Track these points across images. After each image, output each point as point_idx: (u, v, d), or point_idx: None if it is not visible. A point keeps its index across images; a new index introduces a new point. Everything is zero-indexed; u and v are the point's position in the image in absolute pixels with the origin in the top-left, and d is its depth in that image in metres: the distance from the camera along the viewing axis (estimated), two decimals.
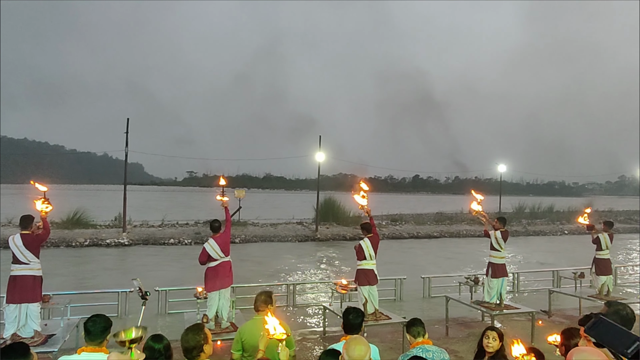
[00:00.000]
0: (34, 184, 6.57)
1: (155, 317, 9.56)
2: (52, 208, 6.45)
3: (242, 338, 3.98)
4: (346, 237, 27.49)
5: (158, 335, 3.22)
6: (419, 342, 3.77)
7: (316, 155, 29.78)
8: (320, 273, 16.53)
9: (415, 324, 3.92)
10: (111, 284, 12.70)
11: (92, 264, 18.02)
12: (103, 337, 3.34)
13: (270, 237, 26.20)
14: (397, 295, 11.39)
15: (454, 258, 20.39)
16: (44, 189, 6.45)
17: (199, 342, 3.01)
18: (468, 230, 31.80)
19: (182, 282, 11.88)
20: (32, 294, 6.17)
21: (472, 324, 9.16)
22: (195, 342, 3.01)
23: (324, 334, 8.37)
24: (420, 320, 3.97)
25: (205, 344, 3.02)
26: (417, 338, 3.83)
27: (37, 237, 6.31)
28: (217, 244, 6.80)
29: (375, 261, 7.49)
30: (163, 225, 28.06)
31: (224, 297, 6.86)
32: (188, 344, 3.02)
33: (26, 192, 7.80)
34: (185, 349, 3.04)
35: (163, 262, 18.42)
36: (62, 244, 21.82)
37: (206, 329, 3.14)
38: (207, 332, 3.10)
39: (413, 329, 3.89)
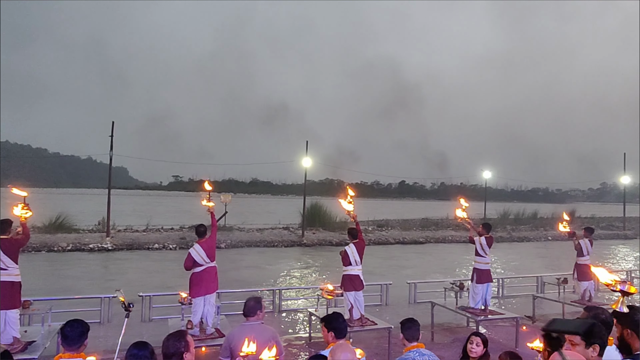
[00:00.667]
0: (12, 189, 6.43)
1: (139, 323, 9.42)
2: (32, 214, 6.32)
3: (230, 344, 3.95)
4: (332, 243, 27.47)
5: (142, 342, 3.17)
6: (414, 346, 3.68)
7: (303, 161, 29.80)
8: (306, 278, 16.49)
9: (413, 325, 3.77)
10: (94, 290, 12.50)
11: (75, 269, 17.72)
12: (81, 342, 3.29)
13: (256, 242, 26.07)
14: (383, 300, 11.41)
15: (439, 264, 20.51)
16: (24, 194, 6.32)
17: (179, 349, 2.96)
18: (454, 236, 32.04)
19: (167, 287, 11.73)
20: (10, 300, 6.02)
21: (457, 329, 9.21)
22: (175, 348, 2.96)
23: (310, 340, 8.34)
24: (417, 321, 3.83)
25: (185, 352, 2.98)
26: (412, 342, 3.72)
27: (15, 242, 6.18)
28: (203, 249, 6.75)
29: (361, 267, 7.50)
30: (147, 230, 27.74)
31: (209, 302, 6.80)
32: (167, 350, 2.98)
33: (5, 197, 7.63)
34: (165, 355, 2.99)
35: (147, 268, 18.19)
36: (43, 249, 21.43)
37: (188, 336, 3.10)
38: (189, 340, 3.05)
39: (410, 330, 3.75)
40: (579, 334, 2.28)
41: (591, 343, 2.30)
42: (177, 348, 2.96)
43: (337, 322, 3.68)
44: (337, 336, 3.62)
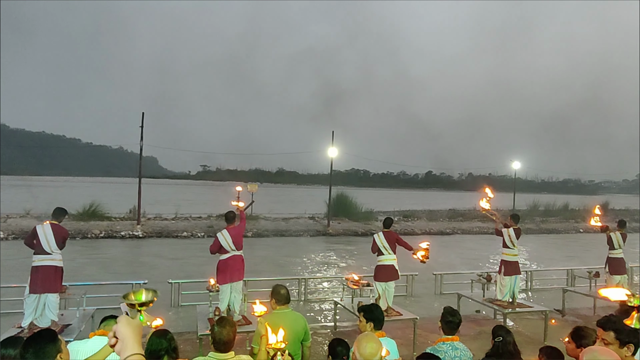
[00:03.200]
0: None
1: (168, 309, 9.68)
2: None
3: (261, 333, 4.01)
4: (358, 233, 27.47)
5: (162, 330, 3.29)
6: (448, 338, 3.61)
7: (328, 151, 29.76)
8: (331, 268, 16.57)
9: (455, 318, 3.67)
10: (125, 276, 12.87)
11: (107, 255, 18.29)
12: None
13: (282, 232, 26.30)
14: (409, 291, 11.38)
15: (466, 255, 20.28)
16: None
17: (232, 335, 3.10)
18: (481, 227, 31.56)
19: (195, 274, 12.00)
20: (52, 284, 6.30)
21: (483, 321, 9.12)
22: (229, 335, 3.10)
23: (335, 329, 8.40)
24: (459, 315, 3.74)
25: (234, 337, 3.12)
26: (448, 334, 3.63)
27: (65, 231, 6.49)
28: (230, 235, 6.84)
29: (395, 256, 7.50)
30: (176, 218, 28.32)
31: (235, 290, 6.91)
32: (222, 336, 3.09)
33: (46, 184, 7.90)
34: (218, 342, 3.09)
35: (176, 255, 18.60)
36: (77, 236, 22.16)
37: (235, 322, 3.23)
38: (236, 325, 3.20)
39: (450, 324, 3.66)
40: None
41: (625, 342, 2.24)
42: (230, 335, 3.08)
43: (378, 313, 3.70)
44: (377, 327, 3.65)
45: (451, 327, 3.69)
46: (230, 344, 3.11)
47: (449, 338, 3.65)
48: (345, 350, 3.51)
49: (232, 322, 3.22)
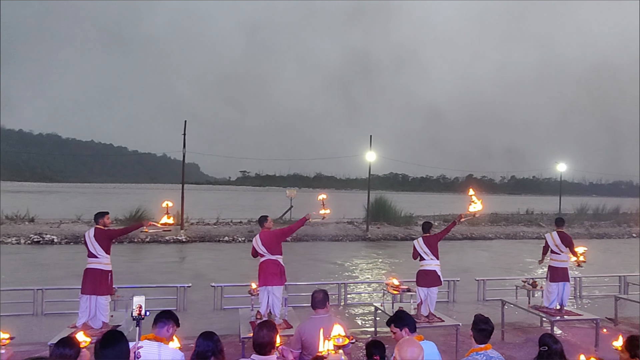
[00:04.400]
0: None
1: (212, 312, 9.92)
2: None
3: (302, 336, 4.06)
4: (397, 237, 27.21)
5: (209, 332, 3.39)
6: (481, 348, 3.53)
7: (366, 155, 29.68)
8: (371, 273, 16.49)
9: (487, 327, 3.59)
10: (171, 279, 13.27)
11: (153, 259, 18.93)
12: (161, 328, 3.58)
13: (320, 236, 26.39)
14: (450, 297, 11.17)
15: (509, 261, 19.68)
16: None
17: (273, 338, 3.15)
18: (525, 232, 30.56)
19: (237, 278, 12.23)
20: (99, 286, 6.57)
21: (529, 329, 8.84)
22: (270, 338, 3.15)
23: (375, 334, 8.37)
24: (491, 323, 3.66)
25: (276, 341, 3.17)
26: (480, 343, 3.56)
27: (107, 232, 6.75)
28: (260, 239, 6.95)
29: (438, 262, 7.41)
30: (218, 223, 28.96)
31: (272, 294, 6.97)
32: (263, 339, 3.15)
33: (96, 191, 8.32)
34: (259, 345, 3.16)
35: (218, 259, 19.03)
36: (125, 240, 23.03)
37: (277, 325, 3.29)
38: (277, 329, 3.25)
39: (482, 333, 3.58)
40: None
41: None
42: (271, 337, 3.14)
43: (407, 317, 3.69)
44: (412, 330, 3.63)
45: (484, 335, 3.60)
46: (271, 347, 3.16)
47: (482, 347, 3.55)
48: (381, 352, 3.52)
49: (273, 325, 3.28)
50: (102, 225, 6.75)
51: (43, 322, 8.94)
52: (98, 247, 6.60)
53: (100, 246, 6.60)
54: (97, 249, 6.59)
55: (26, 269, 15.80)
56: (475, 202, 7.34)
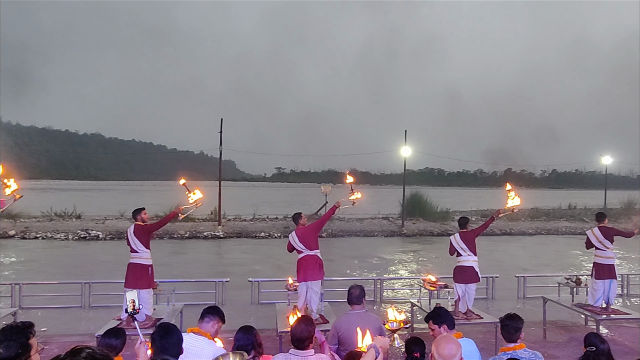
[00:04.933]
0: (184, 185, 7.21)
1: (249, 306, 10.10)
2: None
3: (338, 332, 4.08)
4: (433, 233, 26.84)
5: (248, 327, 3.46)
6: (510, 348, 3.42)
7: (401, 150, 29.37)
8: (407, 269, 16.35)
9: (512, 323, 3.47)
10: (209, 274, 13.59)
11: (192, 254, 19.43)
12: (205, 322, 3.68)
13: (356, 232, 26.36)
14: (489, 294, 10.94)
15: (551, 257, 19.07)
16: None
17: (311, 333, 3.18)
18: (568, 227, 29.50)
19: (273, 273, 12.40)
20: (141, 280, 6.81)
21: (573, 328, 8.55)
22: (308, 333, 3.18)
23: (412, 331, 8.30)
24: (519, 319, 3.54)
25: (313, 335, 3.20)
26: (509, 343, 3.45)
27: (145, 227, 6.98)
28: (296, 236, 7.00)
29: (476, 258, 7.27)
30: (254, 219, 29.39)
31: (311, 289, 7.04)
32: (301, 334, 3.18)
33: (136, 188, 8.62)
34: (297, 339, 3.20)
35: (255, 254, 19.32)
36: (165, 236, 23.74)
37: (314, 321, 3.32)
38: (315, 324, 3.28)
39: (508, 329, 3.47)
40: None
41: None
42: (309, 331, 3.18)
43: (446, 314, 3.65)
44: (450, 327, 3.60)
45: (508, 332, 3.48)
46: (308, 341, 3.19)
47: (511, 347, 3.43)
48: (421, 349, 3.49)
49: (310, 320, 3.31)
50: (141, 220, 6.98)
51: (90, 314, 9.36)
52: (138, 242, 6.83)
53: (140, 242, 6.84)
54: (138, 244, 6.83)
55: (74, 263, 16.53)
56: (513, 197, 7.14)
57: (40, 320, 8.50)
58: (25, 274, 14.00)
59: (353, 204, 6.95)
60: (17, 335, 2.08)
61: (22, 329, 2.14)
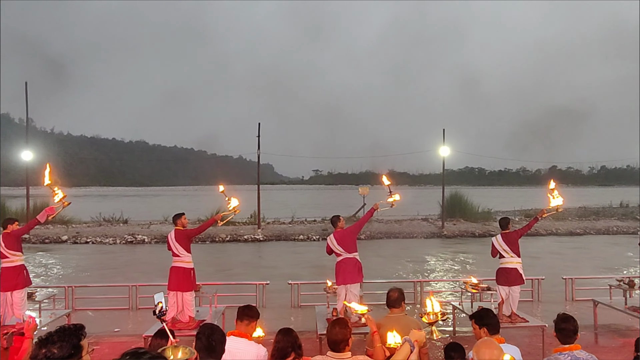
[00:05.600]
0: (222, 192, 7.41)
1: (289, 309, 10.18)
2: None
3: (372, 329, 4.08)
4: (475, 234, 26.21)
5: (288, 329, 3.50)
6: (565, 348, 3.31)
7: (440, 150, 28.87)
8: (448, 271, 16.05)
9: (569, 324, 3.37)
10: (250, 276, 13.80)
11: (233, 257, 19.80)
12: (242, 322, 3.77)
13: (395, 234, 26.10)
14: (535, 296, 10.58)
15: (601, 258, 18.22)
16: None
17: (346, 335, 3.19)
18: (619, 227, 28.11)
19: (313, 276, 12.45)
20: (183, 283, 7.01)
21: (627, 332, 8.13)
22: (343, 335, 3.19)
23: (454, 334, 8.14)
24: (574, 320, 3.43)
25: (350, 338, 3.21)
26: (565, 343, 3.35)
27: (186, 232, 7.19)
28: (335, 239, 7.01)
29: (519, 259, 7.07)
30: (293, 222, 29.63)
31: (350, 292, 7.03)
32: (336, 337, 3.20)
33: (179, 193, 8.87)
34: (332, 342, 3.22)
35: (294, 257, 19.48)
36: (207, 240, 24.30)
37: (349, 324, 3.32)
38: (350, 327, 3.28)
39: (564, 331, 3.37)
40: None
41: None
42: (344, 334, 3.20)
43: (489, 318, 3.57)
44: (491, 332, 3.52)
45: (565, 334, 3.36)
46: (344, 344, 3.19)
47: (567, 347, 3.31)
48: (460, 355, 3.43)
49: (345, 322, 3.31)
50: (181, 225, 7.19)
51: (137, 316, 9.70)
52: (179, 247, 7.04)
53: (181, 246, 7.04)
54: (179, 248, 7.04)
55: (122, 266, 17.20)
56: (556, 196, 6.87)
57: (91, 321, 8.89)
58: (77, 277, 14.69)
59: (392, 206, 6.88)
60: (70, 337, 2.19)
61: (74, 331, 2.25)
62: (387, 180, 7.06)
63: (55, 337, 2.16)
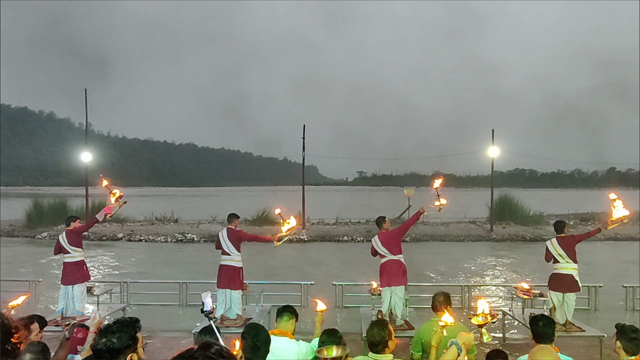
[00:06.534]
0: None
1: (333, 309, 10.20)
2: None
3: (421, 339, 4.02)
4: (526, 238, 25.23)
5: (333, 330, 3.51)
6: (636, 358, 3.14)
7: (489, 151, 28.01)
8: (497, 275, 15.55)
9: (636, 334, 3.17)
10: (295, 276, 13.93)
11: (279, 257, 20.05)
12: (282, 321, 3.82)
13: (441, 237, 25.57)
14: (592, 304, 10.05)
15: None
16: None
17: (384, 337, 3.17)
18: None
19: (357, 277, 12.40)
20: (232, 281, 7.19)
21: None
22: (381, 337, 3.18)
23: (504, 341, 7.88)
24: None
25: (389, 340, 3.18)
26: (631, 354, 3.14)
27: (239, 234, 7.39)
28: (379, 241, 6.95)
29: (575, 265, 6.77)
30: (337, 223, 29.65)
31: (395, 294, 6.96)
32: (374, 338, 3.20)
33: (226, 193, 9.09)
34: (371, 343, 3.22)
35: (338, 258, 19.50)
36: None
37: (390, 326, 3.30)
38: (391, 329, 3.26)
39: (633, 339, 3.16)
40: None
41: None
42: (383, 337, 3.19)
43: (541, 326, 3.44)
44: (537, 340, 3.39)
45: (635, 345, 3.15)
46: (383, 345, 3.17)
47: (633, 359, 3.13)
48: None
49: (385, 324, 3.29)
50: (234, 226, 7.38)
51: (187, 312, 10.03)
52: (231, 245, 7.22)
53: (232, 245, 7.22)
54: (230, 247, 7.22)
55: (173, 264, 17.83)
56: (620, 207, 6.47)
57: (144, 315, 9.23)
58: (131, 272, 15.37)
59: (439, 210, 6.70)
60: (128, 328, 2.30)
61: (131, 323, 2.37)
62: (436, 182, 6.88)
63: (115, 328, 2.28)
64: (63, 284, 7.35)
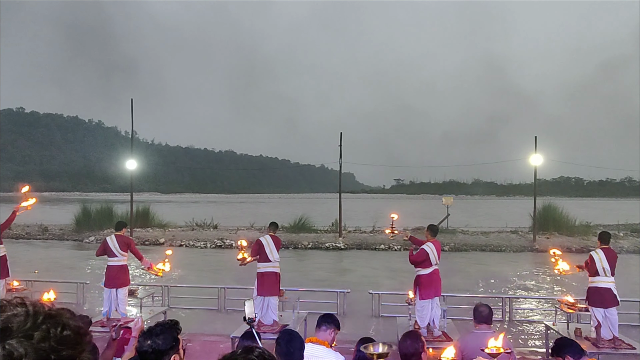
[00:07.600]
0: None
1: (369, 318, 10.14)
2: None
3: (463, 352, 3.97)
4: (571, 249, 24.19)
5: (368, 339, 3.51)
6: None
7: (531, 158, 27.15)
8: (540, 287, 15.00)
9: None
10: (331, 284, 13.94)
11: (316, 264, 20.12)
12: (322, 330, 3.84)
13: (481, 246, 24.93)
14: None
15: None
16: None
17: (417, 349, 3.16)
18: None
19: (393, 286, 12.29)
20: (273, 288, 7.31)
21: None
22: (414, 349, 3.16)
23: (547, 356, 7.59)
24: None
25: (422, 352, 3.16)
26: None
27: (279, 240, 7.58)
28: (435, 248, 6.82)
29: (613, 279, 6.48)
30: (374, 231, 29.44)
31: (436, 305, 6.87)
32: (407, 349, 3.19)
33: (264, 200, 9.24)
34: (403, 355, 3.21)
35: (375, 266, 19.34)
36: (290, 246, 24.93)
37: (422, 337, 3.28)
38: (423, 340, 3.24)
39: None
40: None
41: None
42: (416, 348, 3.17)
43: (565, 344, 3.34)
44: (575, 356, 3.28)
45: None
46: (416, 357, 3.15)
47: None
48: None
49: (418, 335, 3.29)
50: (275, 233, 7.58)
51: (225, 317, 10.21)
52: (275, 252, 7.40)
53: (277, 251, 7.41)
54: (275, 254, 7.39)
55: (212, 269, 18.21)
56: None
57: (183, 319, 9.52)
58: (172, 277, 15.81)
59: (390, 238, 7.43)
60: (170, 331, 2.41)
61: (172, 325, 2.47)
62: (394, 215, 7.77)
63: (158, 330, 2.39)
64: (106, 287, 7.66)
